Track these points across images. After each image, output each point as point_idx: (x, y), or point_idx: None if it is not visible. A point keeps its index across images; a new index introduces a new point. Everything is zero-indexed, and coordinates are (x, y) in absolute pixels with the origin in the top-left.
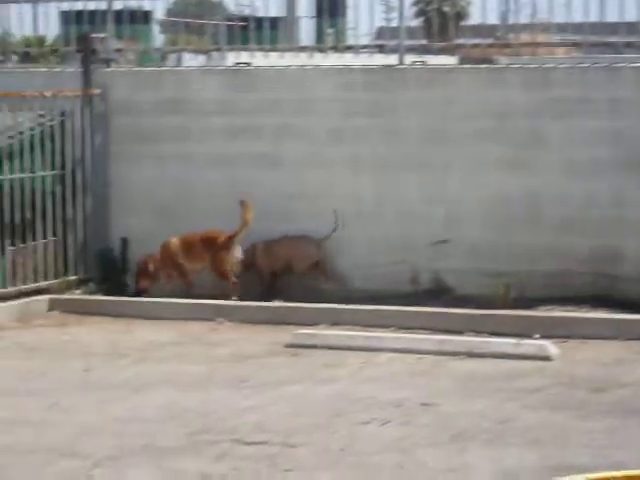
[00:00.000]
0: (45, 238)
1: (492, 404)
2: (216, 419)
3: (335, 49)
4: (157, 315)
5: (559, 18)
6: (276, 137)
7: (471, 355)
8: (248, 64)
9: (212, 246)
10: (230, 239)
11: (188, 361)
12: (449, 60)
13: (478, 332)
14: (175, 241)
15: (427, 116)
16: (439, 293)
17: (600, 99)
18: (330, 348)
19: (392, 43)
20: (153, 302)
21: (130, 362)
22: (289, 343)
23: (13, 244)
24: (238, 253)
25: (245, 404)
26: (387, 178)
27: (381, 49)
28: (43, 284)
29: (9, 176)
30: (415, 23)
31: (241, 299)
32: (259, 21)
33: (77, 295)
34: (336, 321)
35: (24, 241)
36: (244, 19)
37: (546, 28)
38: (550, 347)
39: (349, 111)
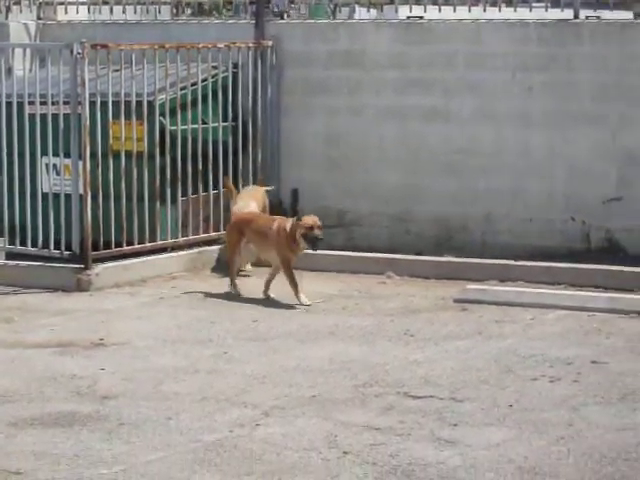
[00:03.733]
0: (216, 189)
1: None
2: (383, 372)
3: (509, 3)
4: (325, 267)
5: None
6: (448, 91)
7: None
8: (421, 17)
9: None
10: None
11: (355, 314)
12: (625, 15)
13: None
14: None
15: (602, 71)
16: (611, 252)
17: None
18: (500, 304)
19: None
20: (322, 255)
21: (296, 314)
22: (458, 298)
23: (185, 194)
24: None
25: (412, 357)
26: (559, 134)
27: (556, 3)
28: (214, 235)
29: (182, 127)
30: None
31: None
32: None
33: None
34: (506, 277)
35: (196, 192)
36: None
37: None
38: None
39: (522, 65)
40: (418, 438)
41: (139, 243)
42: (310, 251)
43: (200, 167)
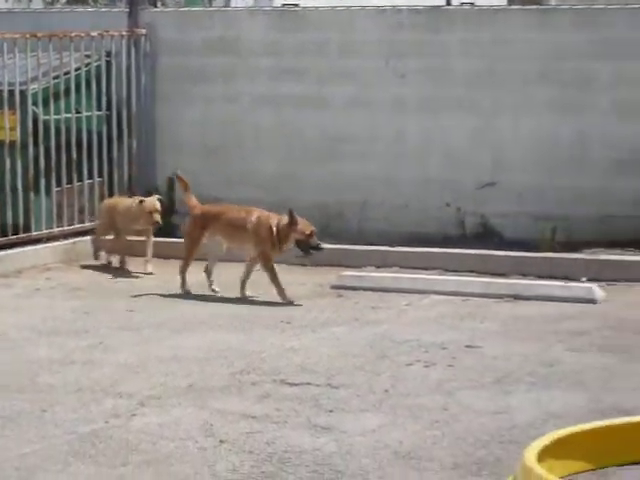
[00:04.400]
0: (91, 179)
1: (537, 347)
2: (259, 360)
3: None
4: (203, 256)
5: None
6: (322, 78)
7: (517, 298)
8: (296, 5)
9: None
10: None
11: (232, 302)
12: (498, 1)
13: (524, 275)
14: None
15: (475, 58)
16: (486, 237)
17: None
18: (375, 290)
19: None
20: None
21: (175, 302)
22: (335, 285)
23: (59, 185)
24: None
25: (289, 345)
26: (433, 120)
27: None
28: (88, 225)
29: (55, 116)
30: None
31: None
32: None
33: None
34: (382, 263)
35: (70, 182)
36: None
37: None
38: (597, 290)
39: (395, 52)
40: (294, 425)
41: (13, 234)
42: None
43: (75, 157)
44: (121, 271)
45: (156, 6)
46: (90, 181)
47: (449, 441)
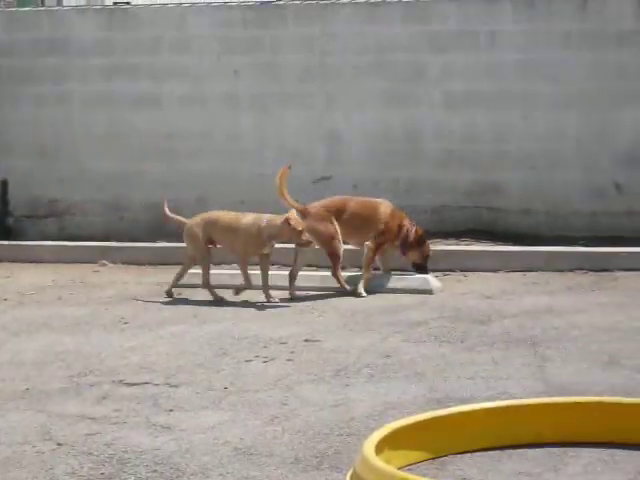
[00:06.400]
0: None
1: (375, 339)
2: (97, 361)
3: None
4: (39, 258)
5: None
6: (155, 76)
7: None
8: (127, 3)
9: None
10: None
11: (69, 304)
12: None
13: (360, 268)
14: None
15: (306, 52)
16: None
17: (479, 32)
18: (215, 287)
19: None
20: (35, 245)
21: (9, 306)
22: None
23: None
24: None
25: (127, 345)
26: (267, 115)
27: None
28: None
29: None
30: None
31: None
32: None
33: None
34: (222, 260)
35: None
36: None
37: None
38: (432, 281)
39: (228, 48)
40: (133, 425)
41: None
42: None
43: None
44: None
45: None
46: None
47: (289, 435)
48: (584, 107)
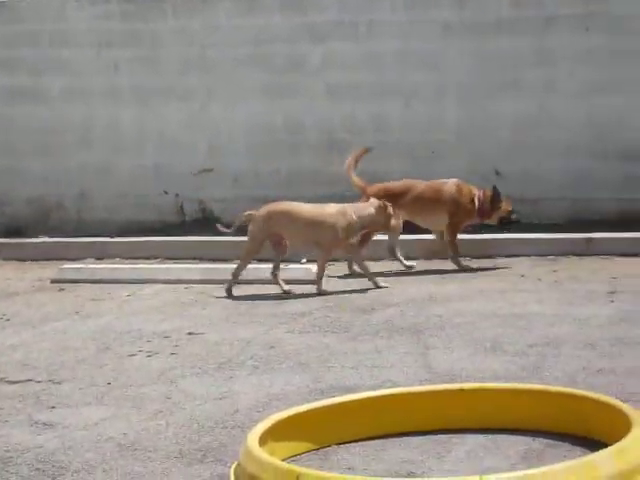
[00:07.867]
0: None
1: (259, 330)
2: None
3: None
4: None
5: None
6: (35, 70)
7: (238, 282)
8: None
9: None
10: None
11: None
12: None
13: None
14: None
15: (186, 45)
16: (206, 223)
17: (358, 22)
18: (97, 282)
19: None
20: None
21: None
22: (55, 278)
23: None
24: None
25: (9, 342)
26: (148, 108)
27: None
28: None
29: None
30: None
31: None
32: None
33: None
34: (103, 254)
35: None
36: None
37: None
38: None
39: (107, 42)
40: (15, 424)
41: None
42: None
43: None
44: None
45: None
46: None
47: (173, 430)
48: (464, 96)
